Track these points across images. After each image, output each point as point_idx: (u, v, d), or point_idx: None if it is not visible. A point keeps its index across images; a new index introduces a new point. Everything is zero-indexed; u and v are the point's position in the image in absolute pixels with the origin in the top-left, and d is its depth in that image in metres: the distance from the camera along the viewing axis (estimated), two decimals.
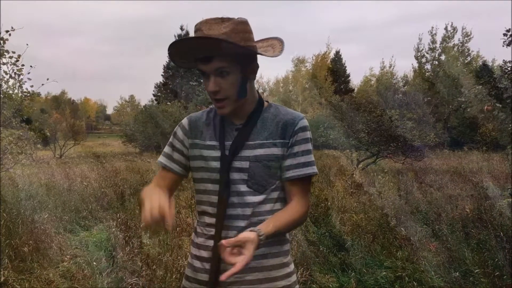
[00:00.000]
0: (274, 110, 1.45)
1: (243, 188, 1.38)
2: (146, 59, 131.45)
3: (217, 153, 1.40)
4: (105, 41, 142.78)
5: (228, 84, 1.33)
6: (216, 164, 1.40)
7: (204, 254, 1.43)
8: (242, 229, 1.35)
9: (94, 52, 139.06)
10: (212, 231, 1.40)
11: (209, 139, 1.44)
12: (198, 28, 1.29)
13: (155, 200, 1.21)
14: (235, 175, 1.38)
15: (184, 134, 1.49)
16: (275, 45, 1.45)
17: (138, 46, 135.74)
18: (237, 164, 1.38)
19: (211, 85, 1.32)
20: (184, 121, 1.51)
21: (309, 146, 1.42)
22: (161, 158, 1.52)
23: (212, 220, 1.41)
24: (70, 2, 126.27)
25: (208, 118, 1.48)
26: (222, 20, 1.28)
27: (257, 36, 1.41)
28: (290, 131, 1.40)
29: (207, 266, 1.41)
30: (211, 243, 1.41)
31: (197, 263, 1.45)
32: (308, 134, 1.43)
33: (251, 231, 1.24)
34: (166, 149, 1.52)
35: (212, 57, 1.30)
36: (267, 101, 1.48)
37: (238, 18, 1.31)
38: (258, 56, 1.38)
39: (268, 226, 1.29)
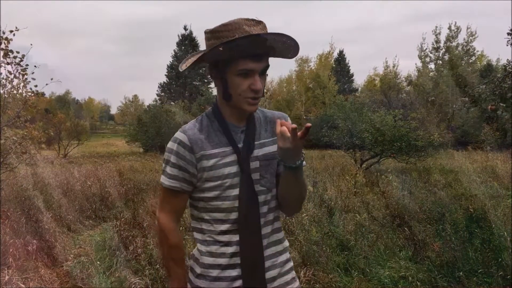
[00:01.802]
0: (259, 111, 1.49)
1: (257, 188, 1.40)
2: (150, 59, 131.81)
3: (231, 158, 1.38)
4: (109, 41, 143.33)
5: (264, 83, 1.38)
6: (233, 169, 1.38)
7: (222, 261, 1.39)
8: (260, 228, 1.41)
9: (99, 52, 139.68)
10: (229, 237, 1.39)
11: (215, 146, 1.39)
12: (236, 27, 1.28)
13: None
14: (251, 176, 1.40)
15: (186, 150, 1.38)
16: None
17: (142, 46, 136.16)
18: (251, 164, 1.40)
19: (259, 83, 1.32)
20: (182, 137, 1.39)
21: None
22: (167, 180, 1.41)
23: (227, 226, 1.38)
24: (75, 2, 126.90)
25: (203, 126, 1.42)
26: (256, 22, 1.31)
27: None
28: None
29: (233, 272, 1.38)
30: (227, 249, 1.39)
31: (215, 272, 1.40)
32: None
33: None
34: (169, 169, 1.41)
35: (264, 55, 1.33)
36: None
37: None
38: None
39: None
